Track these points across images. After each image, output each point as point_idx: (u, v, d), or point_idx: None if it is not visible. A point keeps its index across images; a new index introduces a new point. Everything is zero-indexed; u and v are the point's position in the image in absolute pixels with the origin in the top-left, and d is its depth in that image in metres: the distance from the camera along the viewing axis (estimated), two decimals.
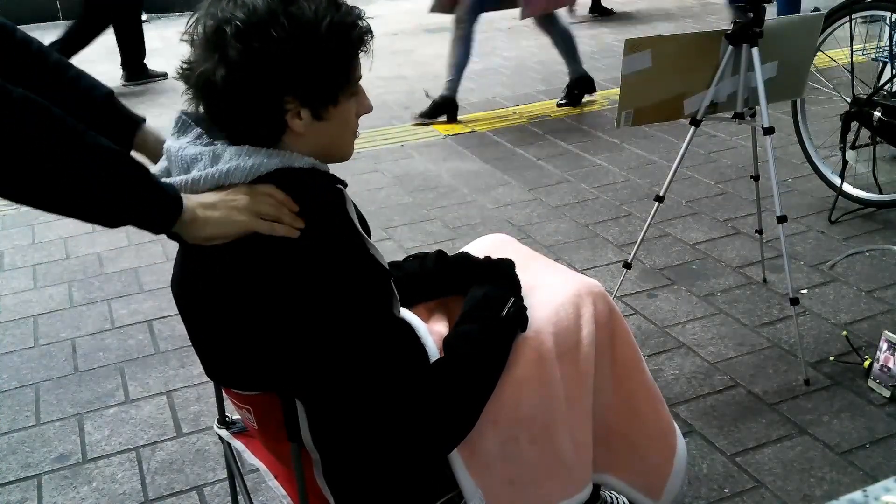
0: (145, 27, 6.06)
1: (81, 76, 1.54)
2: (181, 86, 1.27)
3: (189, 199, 1.18)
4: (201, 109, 1.29)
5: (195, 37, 1.22)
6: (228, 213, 1.18)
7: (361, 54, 1.28)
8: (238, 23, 1.17)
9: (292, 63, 1.19)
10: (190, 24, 1.24)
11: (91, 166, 1.05)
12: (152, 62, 5.90)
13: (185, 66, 1.24)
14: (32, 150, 1.00)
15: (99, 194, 1.08)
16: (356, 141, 1.36)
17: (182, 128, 1.30)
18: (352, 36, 1.24)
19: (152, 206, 1.14)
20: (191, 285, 1.32)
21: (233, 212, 1.18)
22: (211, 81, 1.20)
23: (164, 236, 1.22)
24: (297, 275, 1.20)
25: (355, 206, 1.29)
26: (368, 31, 1.27)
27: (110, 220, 1.14)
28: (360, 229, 1.26)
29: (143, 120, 1.60)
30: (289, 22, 1.18)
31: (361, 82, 1.31)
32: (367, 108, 1.35)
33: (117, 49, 5.97)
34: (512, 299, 1.44)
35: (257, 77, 1.19)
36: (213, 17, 1.20)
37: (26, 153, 1.00)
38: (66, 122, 1.04)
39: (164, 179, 1.21)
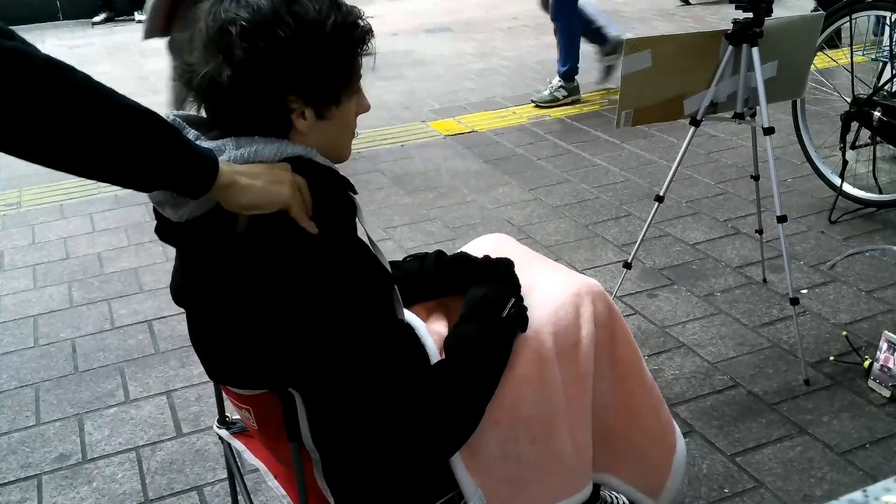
0: (144, 28, 6.04)
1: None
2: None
3: (227, 165, 1.16)
4: (195, 112, 1.29)
5: (196, 38, 1.22)
6: (271, 185, 1.18)
7: (362, 54, 1.28)
8: (243, 23, 1.17)
9: (297, 62, 1.19)
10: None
11: (122, 127, 1.03)
12: (152, 62, 5.91)
13: (186, 67, 1.24)
14: (62, 114, 0.98)
15: (132, 155, 1.05)
16: (355, 141, 1.37)
17: None
18: (354, 36, 1.25)
19: (187, 167, 1.11)
20: (193, 285, 1.32)
21: (276, 184, 1.18)
22: (216, 82, 1.19)
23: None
24: (301, 275, 1.20)
25: None
26: (370, 30, 1.28)
27: (144, 182, 1.11)
28: (368, 235, 1.27)
29: None
30: (294, 21, 1.18)
31: (361, 82, 1.31)
32: (366, 108, 1.35)
33: (117, 49, 5.96)
34: (512, 299, 1.44)
35: (263, 76, 1.19)
36: (215, 17, 1.20)
37: (56, 118, 0.97)
38: (93, 84, 1.02)
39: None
